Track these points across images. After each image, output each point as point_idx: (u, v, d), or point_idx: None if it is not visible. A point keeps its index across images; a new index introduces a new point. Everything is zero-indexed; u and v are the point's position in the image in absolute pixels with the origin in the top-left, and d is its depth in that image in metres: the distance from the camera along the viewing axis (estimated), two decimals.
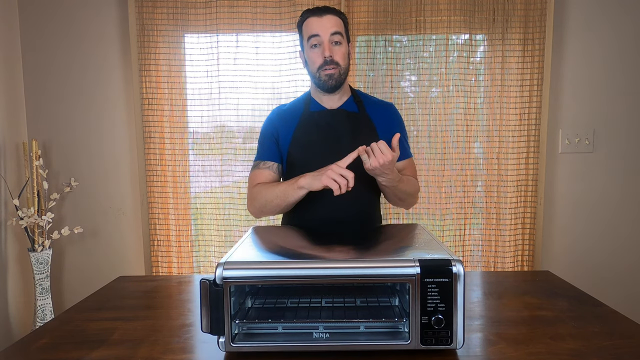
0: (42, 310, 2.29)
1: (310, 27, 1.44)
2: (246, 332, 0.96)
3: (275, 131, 1.53)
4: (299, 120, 1.51)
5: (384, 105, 1.59)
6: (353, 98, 1.55)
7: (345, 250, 1.06)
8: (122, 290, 1.33)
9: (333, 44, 1.43)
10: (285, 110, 1.57)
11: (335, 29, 1.43)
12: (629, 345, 0.94)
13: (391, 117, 1.56)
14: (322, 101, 1.53)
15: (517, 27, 2.35)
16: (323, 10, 1.45)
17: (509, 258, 2.43)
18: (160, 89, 2.41)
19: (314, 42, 1.43)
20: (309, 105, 1.53)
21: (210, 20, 2.37)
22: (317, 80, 1.47)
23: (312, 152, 1.47)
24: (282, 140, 1.52)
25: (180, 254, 2.49)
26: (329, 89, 1.47)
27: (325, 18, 1.43)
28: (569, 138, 2.42)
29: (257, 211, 1.49)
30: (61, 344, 0.99)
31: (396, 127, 1.55)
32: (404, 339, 0.90)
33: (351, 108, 1.53)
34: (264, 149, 1.55)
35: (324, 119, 1.50)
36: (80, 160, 2.48)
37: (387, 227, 1.35)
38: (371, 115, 1.53)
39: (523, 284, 1.34)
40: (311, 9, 1.47)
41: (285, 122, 1.53)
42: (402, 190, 1.45)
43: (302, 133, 1.49)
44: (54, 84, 2.45)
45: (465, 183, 2.43)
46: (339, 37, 1.44)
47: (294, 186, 1.36)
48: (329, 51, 1.42)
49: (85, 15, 2.42)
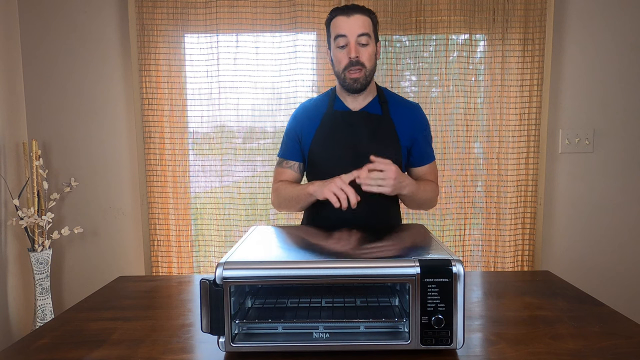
0: (42, 310, 2.29)
1: (338, 26, 1.43)
2: (246, 332, 0.96)
3: (299, 129, 1.55)
4: (322, 118, 1.52)
5: (409, 106, 1.56)
6: (378, 98, 1.53)
7: (346, 250, 1.07)
8: (122, 290, 1.33)
9: (360, 45, 1.42)
10: (311, 106, 1.58)
11: (362, 30, 1.41)
12: (629, 345, 0.94)
13: (414, 120, 1.53)
14: (347, 101, 1.52)
15: (517, 27, 2.35)
16: (351, 9, 1.43)
17: (509, 258, 2.43)
18: (160, 89, 2.41)
19: (341, 42, 1.42)
20: (333, 104, 1.53)
21: (210, 20, 2.37)
22: (342, 82, 1.46)
23: (332, 153, 1.48)
24: (305, 138, 1.54)
25: (180, 254, 2.49)
26: (354, 91, 1.46)
27: (353, 18, 1.41)
28: (569, 138, 2.42)
29: (278, 207, 1.57)
30: (61, 344, 0.99)
31: (418, 131, 1.53)
32: (404, 339, 0.90)
33: (374, 110, 1.51)
34: (287, 147, 1.58)
35: (346, 120, 1.50)
36: (80, 160, 2.48)
37: (388, 227, 1.35)
38: (394, 117, 1.51)
39: (523, 284, 1.34)
40: (340, 7, 1.45)
41: (309, 119, 1.54)
42: (421, 198, 1.47)
43: (324, 132, 1.50)
44: (54, 83, 2.45)
45: (465, 183, 2.43)
46: (366, 39, 1.42)
47: (304, 192, 1.42)
48: (355, 52, 1.41)
49: (85, 15, 2.42)
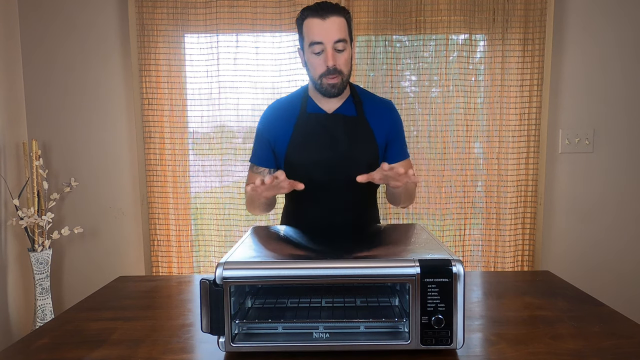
0: (42, 310, 2.29)
1: (312, 31, 1.35)
2: (246, 332, 0.96)
3: (270, 135, 1.50)
4: (295, 121, 1.47)
5: (383, 105, 1.53)
6: (352, 98, 1.49)
7: (345, 250, 1.06)
8: (122, 290, 1.33)
9: (336, 51, 1.35)
10: (282, 108, 1.51)
11: (339, 35, 1.34)
12: (629, 345, 0.94)
13: (389, 120, 1.51)
14: (320, 102, 1.47)
15: (517, 27, 2.35)
16: (325, 9, 1.34)
17: (509, 258, 2.43)
18: (160, 89, 2.41)
19: (317, 49, 1.35)
20: (306, 106, 1.47)
21: (210, 20, 2.37)
22: (319, 87, 1.41)
23: (309, 158, 1.44)
24: (279, 143, 1.48)
25: (180, 254, 2.49)
26: (330, 96, 1.42)
27: (328, 21, 1.33)
28: (569, 138, 2.42)
29: (248, 210, 1.59)
30: (61, 344, 0.99)
31: (394, 130, 1.51)
32: (404, 339, 0.90)
33: (349, 112, 1.47)
34: (257, 153, 1.55)
35: (322, 122, 1.45)
36: (80, 160, 2.48)
37: (387, 227, 1.35)
38: (369, 118, 1.47)
39: (523, 284, 1.34)
40: (312, 7, 1.36)
41: (282, 122, 1.48)
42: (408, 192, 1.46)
43: (299, 137, 1.45)
44: (54, 83, 2.45)
45: (465, 183, 2.43)
46: (343, 44, 1.35)
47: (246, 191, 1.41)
48: (332, 60, 1.34)
49: (85, 15, 2.42)
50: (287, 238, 1.20)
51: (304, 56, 1.43)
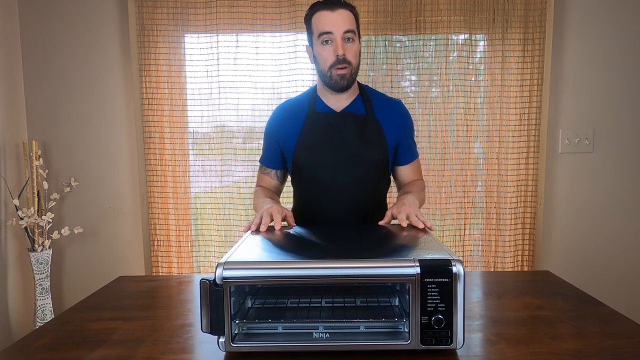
0: (42, 310, 2.29)
1: (322, 22, 1.36)
2: (246, 332, 0.96)
3: (278, 136, 1.50)
4: (304, 121, 1.46)
5: (393, 104, 1.52)
6: (361, 97, 1.48)
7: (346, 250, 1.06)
8: (122, 290, 1.33)
9: (345, 40, 1.36)
10: (290, 109, 1.51)
11: (348, 26, 1.35)
12: (629, 345, 0.94)
13: (400, 119, 1.50)
14: (329, 101, 1.46)
15: (517, 27, 2.35)
16: (335, 3, 1.36)
17: (509, 258, 2.43)
18: (160, 89, 2.41)
19: (326, 38, 1.36)
20: (315, 105, 1.47)
21: (210, 20, 2.37)
22: (328, 80, 1.40)
23: (318, 156, 1.44)
24: (287, 143, 1.48)
25: (180, 254, 2.49)
26: (340, 89, 1.41)
27: (337, 13, 1.35)
28: (569, 138, 2.42)
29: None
30: (61, 344, 0.99)
31: (405, 130, 1.50)
32: (404, 339, 0.90)
33: (358, 110, 1.46)
34: (265, 154, 1.56)
35: (330, 122, 1.44)
36: (80, 161, 2.48)
37: (387, 227, 1.35)
38: (379, 117, 1.47)
39: (523, 284, 1.34)
40: (321, 2, 1.38)
41: (290, 122, 1.48)
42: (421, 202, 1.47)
43: (308, 136, 1.45)
44: (54, 83, 2.45)
45: (465, 183, 2.43)
46: (352, 35, 1.36)
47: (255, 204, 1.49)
48: (342, 49, 1.35)
49: (85, 15, 2.42)
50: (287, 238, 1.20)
51: (313, 51, 1.43)
